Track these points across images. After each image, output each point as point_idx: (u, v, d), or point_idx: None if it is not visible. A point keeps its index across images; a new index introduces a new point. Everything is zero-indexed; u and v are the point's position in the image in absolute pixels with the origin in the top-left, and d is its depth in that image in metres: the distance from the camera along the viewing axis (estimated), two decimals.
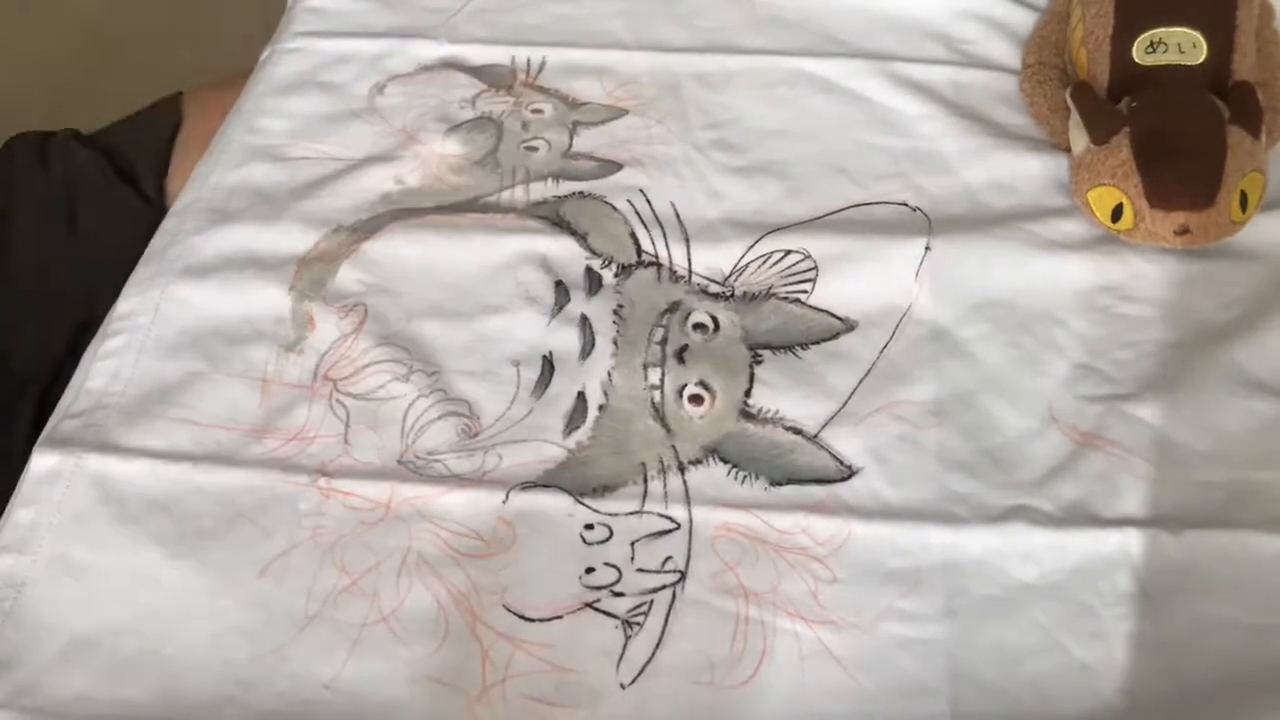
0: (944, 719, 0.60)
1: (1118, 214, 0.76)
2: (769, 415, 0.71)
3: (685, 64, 0.92)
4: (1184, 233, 0.75)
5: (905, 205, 0.81)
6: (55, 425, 0.72)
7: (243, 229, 0.82)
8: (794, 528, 0.66)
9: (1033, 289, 0.76)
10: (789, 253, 0.78)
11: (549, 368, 0.73)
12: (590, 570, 0.65)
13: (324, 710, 0.61)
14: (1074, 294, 0.76)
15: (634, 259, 0.79)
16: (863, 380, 0.72)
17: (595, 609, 0.64)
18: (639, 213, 0.82)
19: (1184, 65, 0.80)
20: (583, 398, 0.72)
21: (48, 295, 0.90)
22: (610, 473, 0.69)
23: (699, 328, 0.75)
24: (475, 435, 0.71)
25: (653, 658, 0.62)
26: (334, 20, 0.98)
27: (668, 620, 0.63)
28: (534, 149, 0.87)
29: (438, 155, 0.87)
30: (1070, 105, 0.81)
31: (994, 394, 0.71)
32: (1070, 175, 0.80)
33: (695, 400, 0.71)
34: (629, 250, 0.79)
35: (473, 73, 0.93)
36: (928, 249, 0.77)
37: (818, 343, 0.74)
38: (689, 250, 0.79)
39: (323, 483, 0.68)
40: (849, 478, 0.68)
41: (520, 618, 0.63)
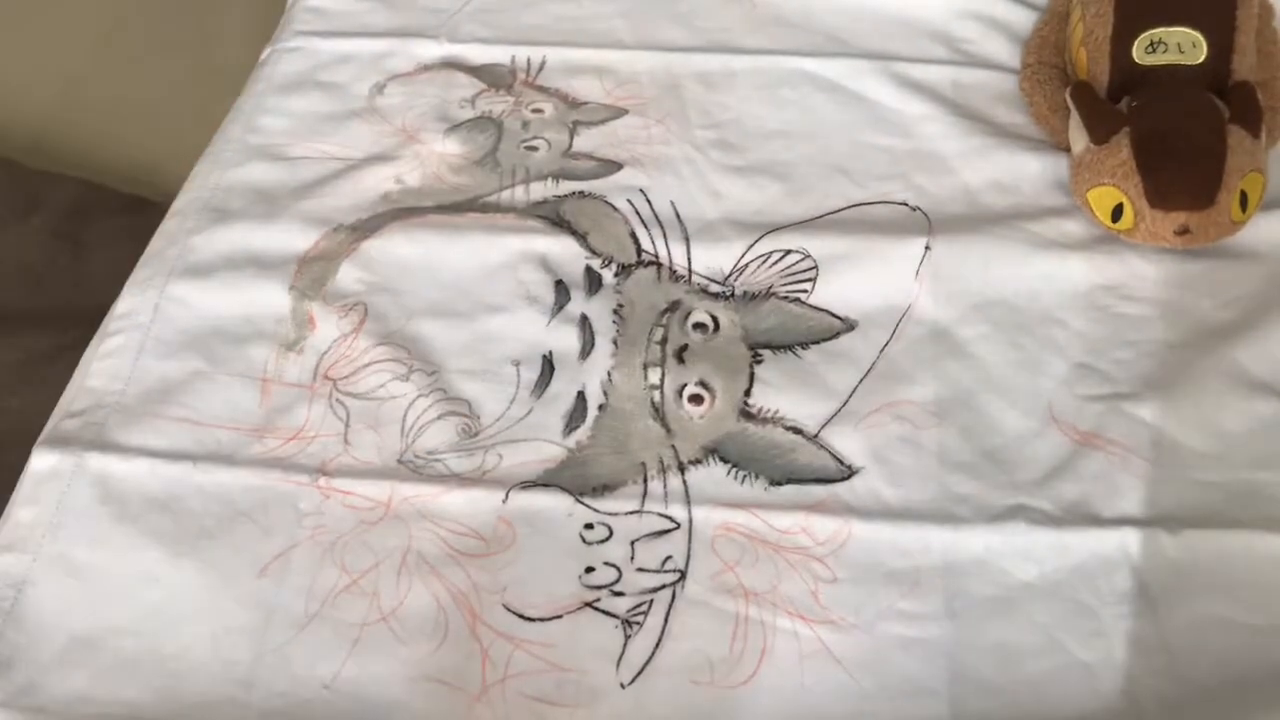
0: (944, 719, 0.60)
1: (1118, 214, 0.76)
2: (769, 415, 0.71)
3: (685, 64, 0.92)
4: (1184, 232, 0.75)
5: (905, 205, 0.81)
6: (55, 424, 0.72)
7: (242, 228, 0.82)
8: (794, 527, 0.66)
9: (1033, 289, 0.76)
10: (789, 252, 0.78)
11: (549, 367, 0.73)
12: (590, 570, 0.65)
13: (324, 710, 0.61)
14: (1074, 294, 0.76)
15: (634, 259, 0.79)
16: (863, 380, 0.72)
17: (595, 608, 0.64)
18: (639, 212, 0.82)
19: (1184, 65, 0.80)
20: (582, 397, 0.72)
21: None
22: (610, 472, 0.69)
23: (699, 327, 0.75)
24: (475, 435, 0.71)
25: (652, 657, 0.62)
26: (334, 20, 0.98)
27: (667, 620, 0.63)
28: (534, 148, 0.87)
29: (438, 155, 0.87)
30: (1070, 105, 0.81)
31: (994, 394, 0.71)
32: (1070, 175, 0.80)
33: (695, 400, 0.71)
34: (629, 250, 0.79)
35: (473, 72, 0.93)
36: (928, 249, 0.77)
37: (818, 342, 0.74)
38: (689, 250, 0.79)
39: (323, 482, 0.68)
40: (849, 477, 0.68)
41: (520, 617, 0.63)
